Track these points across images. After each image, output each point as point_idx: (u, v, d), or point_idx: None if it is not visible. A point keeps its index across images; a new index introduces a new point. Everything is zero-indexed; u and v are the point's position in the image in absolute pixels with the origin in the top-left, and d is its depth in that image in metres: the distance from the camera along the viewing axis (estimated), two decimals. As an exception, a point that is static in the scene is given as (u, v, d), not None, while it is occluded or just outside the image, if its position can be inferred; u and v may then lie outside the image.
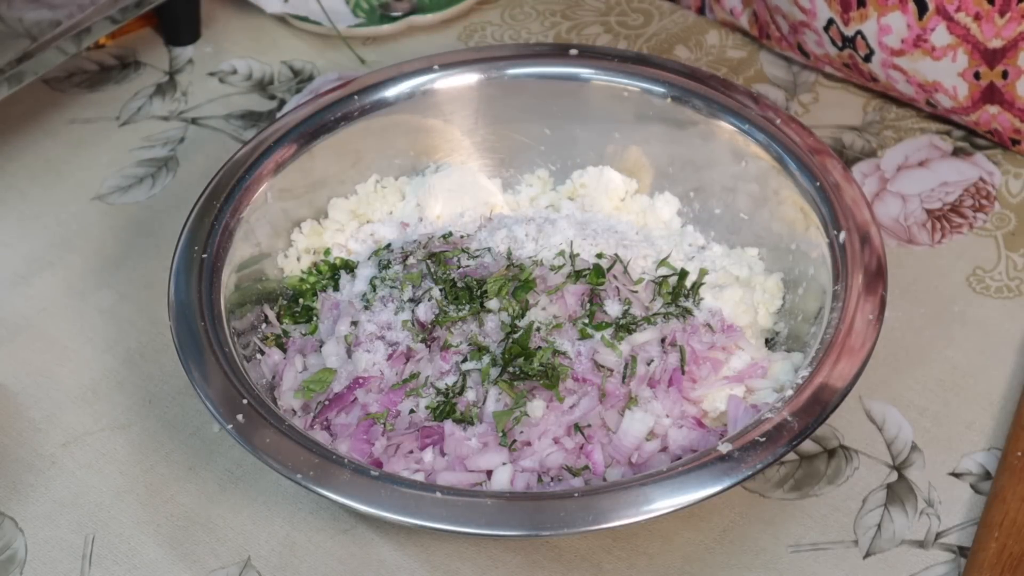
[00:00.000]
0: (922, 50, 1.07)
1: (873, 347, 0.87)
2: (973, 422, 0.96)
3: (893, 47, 1.08)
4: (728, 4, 1.22)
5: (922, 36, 1.06)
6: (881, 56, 1.10)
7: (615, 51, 1.06)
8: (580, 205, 1.04)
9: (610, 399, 0.90)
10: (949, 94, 1.09)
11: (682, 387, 0.91)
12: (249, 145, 1.01)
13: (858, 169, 1.12)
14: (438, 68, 1.05)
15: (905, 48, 1.08)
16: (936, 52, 1.07)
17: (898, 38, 1.08)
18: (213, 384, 0.87)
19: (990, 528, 0.88)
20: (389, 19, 1.25)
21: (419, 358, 0.92)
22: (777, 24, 1.17)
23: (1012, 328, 1.01)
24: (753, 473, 0.82)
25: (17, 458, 0.95)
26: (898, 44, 1.08)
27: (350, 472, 0.82)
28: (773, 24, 1.18)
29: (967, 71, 1.07)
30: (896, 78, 1.11)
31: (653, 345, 0.92)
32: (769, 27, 1.19)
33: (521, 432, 0.89)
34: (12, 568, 0.90)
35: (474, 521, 0.80)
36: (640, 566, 0.89)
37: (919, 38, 1.07)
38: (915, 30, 1.06)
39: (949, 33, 1.05)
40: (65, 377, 1.00)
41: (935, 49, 1.07)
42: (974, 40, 1.05)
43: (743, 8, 1.21)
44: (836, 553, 0.89)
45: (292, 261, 1.01)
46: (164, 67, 1.24)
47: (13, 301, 1.05)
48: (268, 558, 0.90)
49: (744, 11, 1.21)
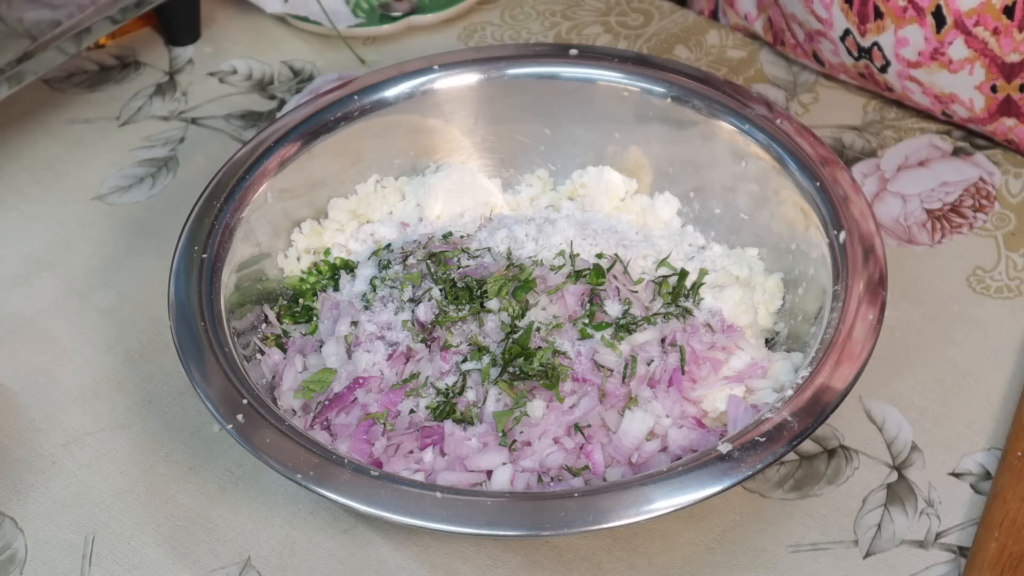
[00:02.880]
0: (939, 63, 1.07)
1: (873, 347, 0.87)
2: (973, 422, 0.96)
3: (910, 59, 1.08)
4: (742, 9, 1.22)
5: (939, 49, 1.06)
6: (897, 67, 1.09)
7: (615, 51, 1.06)
8: (580, 205, 1.04)
9: (610, 399, 0.90)
10: (966, 106, 1.09)
11: (682, 387, 0.91)
12: (249, 145, 1.01)
13: (858, 169, 1.12)
14: (438, 68, 1.05)
15: (922, 60, 1.08)
16: (953, 65, 1.07)
17: (915, 50, 1.08)
18: (213, 384, 0.87)
19: (990, 528, 0.88)
20: (389, 19, 1.25)
21: (419, 358, 0.92)
22: (793, 31, 1.17)
23: (1012, 328, 1.01)
24: (753, 473, 0.82)
25: (17, 458, 0.95)
26: (915, 56, 1.08)
27: (350, 472, 0.82)
28: (788, 31, 1.18)
29: (984, 84, 1.07)
30: (912, 89, 1.11)
31: (653, 345, 0.92)
32: (784, 34, 1.18)
33: (521, 432, 0.89)
34: (12, 568, 0.90)
35: (474, 521, 0.80)
36: (640, 566, 0.89)
37: (936, 51, 1.06)
38: (932, 43, 1.06)
39: (967, 47, 1.05)
40: (65, 377, 1.00)
41: (952, 62, 1.07)
42: (992, 54, 1.05)
43: (758, 14, 1.21)
44: (836, 553, 0.89)
45: (292, 261, 1.01)
46: (164, 67, 1.24)
47: (13, 301, 1.05)
48: (268, 558, 0.90)
49: (759, 17, 1.21)
